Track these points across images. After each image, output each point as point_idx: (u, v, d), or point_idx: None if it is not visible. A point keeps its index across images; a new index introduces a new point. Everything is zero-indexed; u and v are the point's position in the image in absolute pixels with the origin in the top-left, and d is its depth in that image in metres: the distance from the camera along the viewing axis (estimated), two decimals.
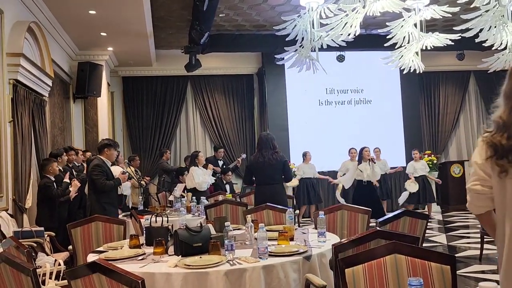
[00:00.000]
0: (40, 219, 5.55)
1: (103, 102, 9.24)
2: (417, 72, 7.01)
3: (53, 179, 5.65)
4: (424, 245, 3.56)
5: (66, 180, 5.80)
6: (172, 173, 9.08)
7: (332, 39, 6.38)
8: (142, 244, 3.21)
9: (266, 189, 5.17)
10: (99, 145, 5.36)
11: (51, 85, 6.72)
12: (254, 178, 5.37)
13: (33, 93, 6.08)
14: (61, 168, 6.12)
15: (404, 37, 6.44)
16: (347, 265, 1.97)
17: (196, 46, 8.84)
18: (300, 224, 8.10)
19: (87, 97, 8.74)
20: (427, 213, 9.27)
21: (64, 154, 6.39)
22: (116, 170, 6.84)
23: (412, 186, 9.44)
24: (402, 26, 6.28)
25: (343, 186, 8.41)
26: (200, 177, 6.85)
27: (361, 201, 7.32)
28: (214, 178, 8.10)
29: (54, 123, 7.56)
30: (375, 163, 7.75)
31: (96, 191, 5.07)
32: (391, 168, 9.73)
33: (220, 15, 8.84)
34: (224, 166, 9.17)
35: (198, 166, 6.97)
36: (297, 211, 7.57)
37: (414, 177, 9.58)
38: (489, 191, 1.86)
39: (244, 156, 10.13)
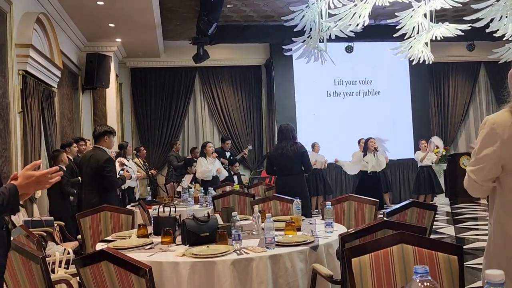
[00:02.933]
0: (53, 209, 5.61)
1: (111, 93, 9.28)
2: (427, 63, 6.96)
3: (64, 169, 5.69)
4: (432, 236, 3.54)
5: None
6: (181, 168, 9.09)
7: (340, 30, 6.34)
8: (150, 234, 3.23)
9: (286, 180, 5.22)
10: (97, 133, 4.80)
11: (60, 76, 6.76)
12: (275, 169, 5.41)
13: (42, 84, 6.12)
14: (71, 158, 6.17)
15: (414, 28, 6.39)
16: (353, 255, 1.97)
17: (204, 37, 8.83)
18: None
19: (96, 88, 8.79)
20: (435, 204, 9.23)
21: (74, 144, 6.43)
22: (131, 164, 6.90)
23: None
24: (411, 16, 6.23)
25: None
26: (203, 166, 6.88)
27: (363, 192, 7.34)
28: (225, 167, 8.12)
29: (63, 114, 7.61)
30: (377, 150, 7.73)
31: (105, 188, 4.63)
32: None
33: (228, 6, 8.80)
34: (232, 158, 9.18)
35: (206, 157, 7.00)
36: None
37: (420, 166, 9.56)
38: (492, 184, 1.92)
39: (250, 147, 10.11)
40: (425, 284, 1.05)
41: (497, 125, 1.86)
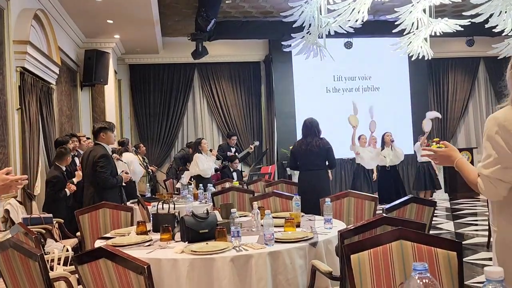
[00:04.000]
0: (48, 207, 5.58)
1: (110, 89, 9.26)
2: (426, 58, 6.94)
3: (64, 169, 5.66)
4: (431, 232, 3.54)
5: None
6: (179, 164, 9.07)
7: (339, 26, 6.32)
8: (149, 231, 3.23)
9: (308, 175, 5.24)
10: (94, 130, 4.83)
11: (58, 73, 6.74)
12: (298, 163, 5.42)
13: (40, 81, 6.10)
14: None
15: (413, 23, 6.38)
16: (352, 251, 1.96)
17: (202, 33, 8.80)
18: None
19: (94, 85, 8.76)
20: (435, 200, 9.23)
21: (70, 141, 6.37)
22: (128, 157, 6.86)
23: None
24: (410, 11, 6.21)
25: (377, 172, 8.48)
26: (204, 164, 6.85)
27: (385, 186, 7.40)
28: (219, 165, 8.08)
29: (61, 111, 7.59)
30: (393, 141, 7.78)
31: (97, 185, 4.61)
32: None
33: (227, 2, 8.77)
34: (236, 153, 9.15)
35: (201, 153, 6.96)
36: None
37: (420, 162, 9.55)
38: None
39: (257, 143, 10.08)
40: (424, 281, 1.05)
41: (509, 122, 1.80)
